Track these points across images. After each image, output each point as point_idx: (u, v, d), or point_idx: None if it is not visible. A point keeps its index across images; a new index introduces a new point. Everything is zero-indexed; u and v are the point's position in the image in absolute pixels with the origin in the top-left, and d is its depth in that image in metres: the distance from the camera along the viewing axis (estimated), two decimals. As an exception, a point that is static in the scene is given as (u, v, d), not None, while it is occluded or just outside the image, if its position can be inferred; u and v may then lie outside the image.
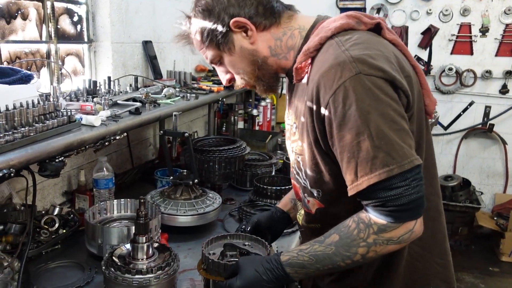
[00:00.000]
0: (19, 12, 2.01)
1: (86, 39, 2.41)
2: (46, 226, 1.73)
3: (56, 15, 2.18)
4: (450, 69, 4.50)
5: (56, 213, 1.80)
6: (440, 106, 4.51)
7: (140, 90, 2.30)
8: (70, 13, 2.31)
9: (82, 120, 1.64)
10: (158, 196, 1.98)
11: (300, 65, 1.14)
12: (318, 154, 1.14)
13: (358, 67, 0.99)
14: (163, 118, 2.23)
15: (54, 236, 1.74)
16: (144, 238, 1.36)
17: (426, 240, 1.19)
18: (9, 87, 1.42)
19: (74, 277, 1.57)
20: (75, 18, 2.35)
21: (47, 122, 1.45)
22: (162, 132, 2.10)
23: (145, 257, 1.37)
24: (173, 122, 2.07)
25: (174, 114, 2.07)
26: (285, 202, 1.61)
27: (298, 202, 1.41)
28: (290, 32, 1.21)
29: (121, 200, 1.89)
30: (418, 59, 4.58)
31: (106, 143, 1.73)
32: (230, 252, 1.32)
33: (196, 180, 2.01)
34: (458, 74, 4.51)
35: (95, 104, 1.80)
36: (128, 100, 2.09)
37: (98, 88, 2.10)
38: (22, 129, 1.34)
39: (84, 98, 1.92)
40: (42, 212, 1.82)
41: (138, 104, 2.01)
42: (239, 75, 1.29)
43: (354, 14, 1.16)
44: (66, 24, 2.30)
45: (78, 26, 2.37)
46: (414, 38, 4.57)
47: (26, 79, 1.51)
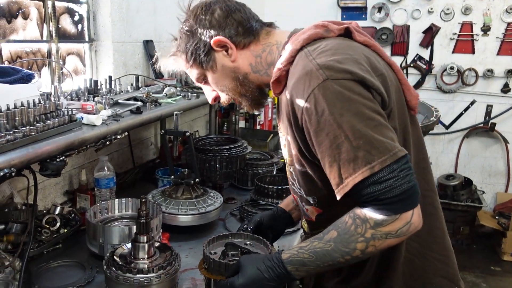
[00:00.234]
0: (20, 11, 2.01)
1: (87, 39, 2.41)
2: (47, 226, 1.73)
3: (57, 15, 2.18)
4: (452, 68, 4.49)
5: (57, 212, 1.80)
6: (441, 105, 4.50)
7: (141, 89, 2.30)
8: (71, 12, 2.31)
9: (83, 119, 1.64)
10: (159, 195, 1.98)
11: (275, 79, 1.19)
12: (306, 163, 1.17)
13: (325, 73, 1.01)
14: (164, 117, 2.23)
15: (55, 235, 1.74)
16: (145, 238, 1.36)
17: (423, 236, 1.20)
18: (10, 87, 1.42)
19: (75, 276, 1.57)
20: (76, 18, 2.34)
21: (48, 121, 1.45)
22: (163, 131, 2.10)
23: (146, 256, 1.37)
24: (174, 121, 2.07)
25: (175, 113, 2.07)
26: (287, 202, 1.61)
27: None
28: (268, 48, 1.26)
29: (122, 199, 1.89)
30: (420, 58, 4.58)
31: (107, 143, 1.73)
32: (232, 251, 1.31)
33: (197, 179, 2.01)
34: (460, 73, 4.50)
35: (96, 103, 1.80)
36: (129, 99, 2.09)
37: (99, 87, 2.10)
38: (23, 128, 1.34)
39: (85, 98, 1.92)
40: (43, 211, 1.82)
41: (139, 103, 2.01)
42: (224, 92, 1.35)
43: (322, 23, 1.19)
44: (67, 23, 2.30)
45: (79, 26, 2.37)
46: (415, 37, 4.57)
47: (27, 79, 1.51)
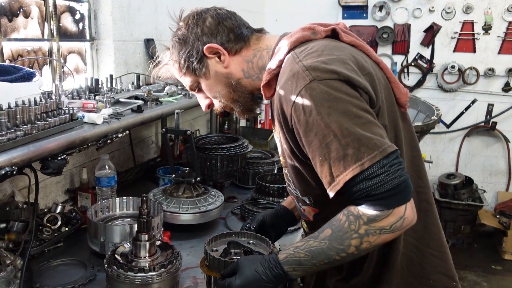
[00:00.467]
0: (21, 10, 2.01)
1: (88, 37, 2.41)
2: (49, 224, 1.73)
3: (58, 13, 2.18)
4: (453, 67, 4.48)
5: (58, 211, 1.80)
6: (442, 104, 4.49)
7: (142, 88, 2.30)
8: (72, 11, 2.31)
9: (84, 118, 1.64)
10: (160, 194, 1.98)
11: (265, 83, 1.21)
12: (299, 164, 1.19)
13: (312, 75, 1.03)
14: (165, 116, 2.23)
15: (56, 234, 1.74)
16: (146, 236, 1.36)
17: (420, 232, 1.22)
18: (11, 85, 1.42)
19: (76, 275, 1.57)
20: (77, 16, 2.34)
21: (49, 120, 1.45)
22: (164, 130, 2.10)
23: (147, 255, 1.37)
24: (175, 120, 2.07)
25: (176, 112, 2.07)
26: (289, 201, 1.61)
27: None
28: (259, 53, 1.29)
29: (123, 198, 1.89)
30: (421, 57, 4.58)
31: (108, 141, 1.73)
32: (234, 250, 1.32)
33: (198, 178, 2.01)
34: (461, 72, 4.49)
35: (97, 102, 1.80)
36: (130, 98, 2.09)
37: (100, 86, 2.10)
38: (24, 127, 1.34)
39: (86, 96, 1.92)
40: (45, 210, 1.82)
41: (140, 102, 2.01)
42: (217, 99, 1.36)
43: (309, 25, 1.21)
44: (68, 22, 2.30)
45: (80, 24, 2.37)
46: (416, 36, 4.56)
47: (28, 77, 1.51)
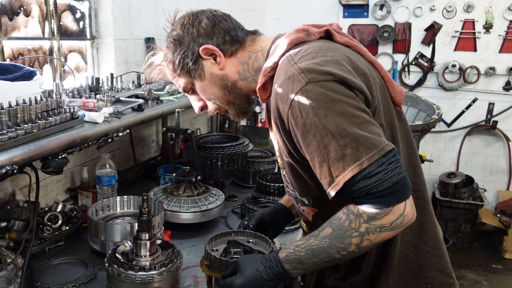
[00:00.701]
0: (22, 8, 2.01)
1: (88, 36, 2.40)
2: (49, 223, 1.73)
3: (58, 12, 2.18)
4: (454, 65, 4.48)
5: (59, 210, 1.80)
6: (443, 103, 4.49)
7: (142, 87, 2.30)
8: (72, 9, 2.30)
9: (84, 117, 1.64)
10: (161, 193, 1.98)
11: (261, 85, 1.20)
12: (296, 165, 1.20)
13: (307, 77, 1.03)
14: (166, 115, 2.22)
15: (57, 233, 1.74)
16: (147, 235, 1.36)
17: (416, 229, 1.22)
18: (11, 84, 1.42)
19: (77, 273, 1.57)
20: (78, 15, 2.34)
21: (50, 118, 1.45)
22: (165, 129, 2.10)
23: (148, 254, 1.37)
24: (176, 119, 2.07)
25: (177, 111, 2.07)
26: (287, 198, 1.61)
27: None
28: (254, 55, 1.29)
29: (124, 197, 1.89)
30: (422, 56, 4.57)
31: (109, 140, 1.73)
32: (234, 249, 1.31)
33: (199, 177, 2.01)
34: (462, 71, 4.49)
35: (98, 101, 1.80)
36: (130, 97, 2.09)
37: (100, 85, 2.10)
38: (25, 125, 1.34)
39: (86, 95, 1.92)
40: (45, 209, 1.82)
41: (141, 101, 2.01)
42: (211, 101, 1.35)
43: (303, 27, 1.21)
44: (68, 20, 2.30)
45: (81, 23, 2.37)
46: (417, 35, 4.55)
47: (29, 76, 1.51)
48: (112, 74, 2.22)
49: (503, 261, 4.25)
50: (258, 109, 4.02)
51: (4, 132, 1.27)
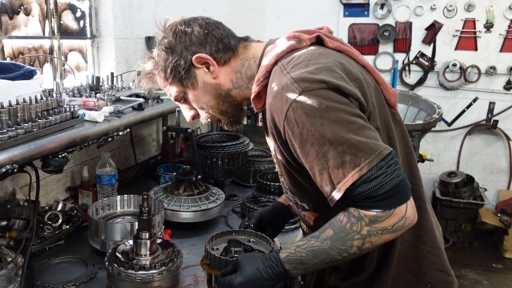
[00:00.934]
0: (22, 7, 2.01)
1: (89, 35, 2.40)
2: (50, 222, 1.73)
3: (59, 11, 2.18)
4: (454, 65, 4.47)
5: (59, 208, 1.80)
6: (444, 102, 4.49)
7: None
8: (73, 8, 2.30)
9: (85, 116, 1.64)
10: (161, 192, 1.98)
11: (254, 95, 1.19)
12: (295, 172, 1.20)
13: (301, 86, 1.03)
14: (166, 114, 2.22)
15: (57, 231, 1.74)
16: (147, 234, 1.36)
17: (415, 228, 1.22)
18: (12, 83, 1.42)
19: (77, 272, 1.57)
20: (78, 14, 2.34)
21: (50, 118, 1.45)
22: (165, 128, 2.10)
23: (148, 253, 1.37)
24: (176, 118, 2.07)
25: (177, 110, 2.07)
26: (285, 197, 1.61)
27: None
28: (247, 62, 1.27)
29: (124, 196, 1.89)
30: (422, 55, 4.56)
31: (109, 139, 1.73)
32: (235, 248, 1.32)
33: (199, 176, 2.01)
34: (462, 70, 4.48)
35: (98, 100, 1.80)
36: (131, 96, 2.09)
37: (101, 84, 2.10)
38: (25, 124, 1.34)
39: (87, 94, 1.92)
40: (46, 207, 1.82)
41: (141, 100, 2.00)
42: (204, 110, 1.33)
43: (294, 34, 1.21)
44: (69, 19, 2.29)
45: (81, 22, 2.37)
46: (418, 34, 4.54)
47: (29, 75, 1.51)
48: (112, 73, 2.22)
49: (504, 260, 4.25)
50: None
51: (4, 131, 1.27)
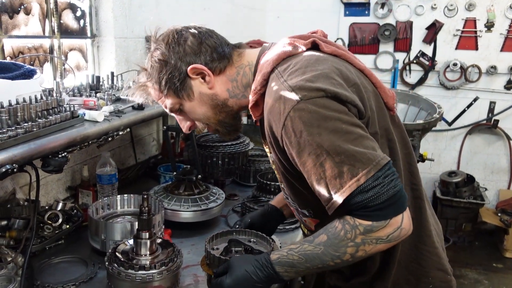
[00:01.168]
0: (22, 6, 2.01)
1: (89, 34, 2.40)
2: (50, 221, 1.73)
3: (59, 10, 2.18)
4: (455, 64, 4.47)
5: (59, 208, 1.80)
6: (444, 102, 4.48)
7: (143, 85, 2.29)
8: (73, 8, 2.30)
9: (85, 115, 1.64)
10: (161, 191, 1.98)
11: (252, 103, 1.18)
12: (293, 180, 1.19)
13: (298, 95, 1.02)
14: (167, 113, 2.21)
15: (57, 231, 1.74)
16: (147, 234, 1.36)
17: (415, 229, 1.21)
18: (12, 82, 1.42)
19: (77, 272, 1.57)
20: (78, 13, 2.34)
21: (50, 117, 1.45)
22: (165, 127, 2.10)
23: (148, 252, 1.37)
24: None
25: (177, 109, 2.06)
26: (278, 199, 1.61)
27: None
28: (242, 70, 1.25)
29: (124, 195, 1.89)
30: (423, 55, 4.56)
31: (109, 139, 1.73)
32: (236, 248, 1.31)
33: (199, 175, 2.01)
34: (463, 70, 4.48)
35: (98, 99, 1.80)
36: (131, 95, 2.08)
37: (101, 83, 2.09)
38: (25, 124, 1.34)
39: (87, 94, 1.92)
40: (46, 207, 1.82)
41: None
42: (200, 121, 1.32)
43: (289, 40, 1.19)
44: (69, 19, 2.29)
45: (81, 21, 2.37)
46: (418, 33, 4.54)
47: (29, 74, 1.51)
48: (112, 73, 2.21)
49: (504, 260, 4.25)
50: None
51: (4, 130, 1.27)
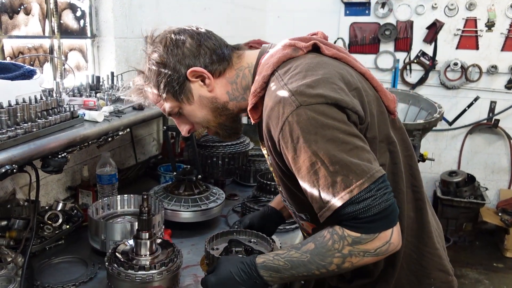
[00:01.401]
0: (22, 7, 2.01)
1: (89, 34, 2.40)
2: (50, 222, 1.73)
3: (59, 10, 2.17)
4: (456, 64, 4.46)
5: (59, 208, 1.80)
6: (445, 101, 4.48)
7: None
8: (73, 8, 2.30)
9: (85, 115, 1.64)
10: (161, 191, 1.98)
11: (251, 106, 1.17)
12: (290, 183, 1.19)
13: (298, 100, 1.00)
14: (166, 113, 2.22)
15: (57, 231, 1.74)
16: (147, 234, 1.36)
17: (417, 230, 1.23)
18: (12, 83, 1.42)
19: (77, 272, 1.57)
20: (78, 13, 2.34)
21: (50, 117, 1.44)
22: (165, 127, 2.10)
23: (148, 253, 1.37)
24: (176, 117, 2.06)
25: (177, 109, 2.06)
26: (278, 201, 1.61)
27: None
28: (241, 72, 1.23)
29: (124, 195, 1.89)
30: (423, 54, 4.56)
31: (109, 139, 1.73)
32: (236, 248, 1.31)
33: (199, 175, 2.01)
34: (464, 69, 4.47)
35: (98, 99, 1.80)
36: (131, 95, 2.08)
37: (101, 83, 2.09)
38: (25, 124, 1.34)
39: (87, 94, 1.92)
40: (46, 207, 1.82)
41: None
42: (200, 124, 1.30)
43: (289, 42, 1.17)
44: (69, 19, 2.29)
45: (81, 21, 2.36)
46: (419, 33, 4.54)
47: (29, 75, 1.51)
48: (112, 73, 2.21)
49: (504, 259, 4.25)
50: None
51: (4, 131, 1.27)
